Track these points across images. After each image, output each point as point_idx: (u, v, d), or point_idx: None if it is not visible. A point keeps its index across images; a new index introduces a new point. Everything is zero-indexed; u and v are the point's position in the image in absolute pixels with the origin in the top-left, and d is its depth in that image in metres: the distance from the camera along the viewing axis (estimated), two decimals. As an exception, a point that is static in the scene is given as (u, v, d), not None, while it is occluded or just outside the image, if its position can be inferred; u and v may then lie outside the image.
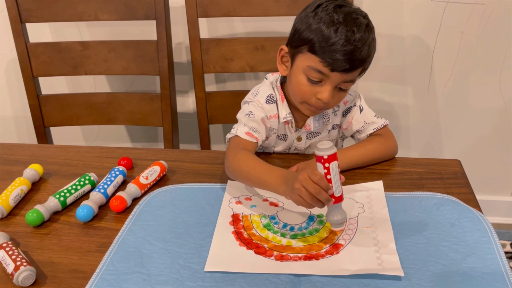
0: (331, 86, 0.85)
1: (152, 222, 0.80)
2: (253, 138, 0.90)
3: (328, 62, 0.82)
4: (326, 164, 0.70)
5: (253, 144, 0.91)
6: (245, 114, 0.94)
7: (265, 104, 0.95)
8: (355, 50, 0.81)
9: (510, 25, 1.41)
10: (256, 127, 0.92)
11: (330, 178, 0.70)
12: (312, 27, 0.83)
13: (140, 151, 1.04)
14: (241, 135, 0.90)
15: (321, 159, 0.70)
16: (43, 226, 0.82)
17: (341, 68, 0.82)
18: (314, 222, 0.80)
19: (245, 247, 0.75)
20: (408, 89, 1.56)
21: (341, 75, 0.83)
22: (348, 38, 0.80)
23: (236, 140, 0.91)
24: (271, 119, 0.96)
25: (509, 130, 1.58)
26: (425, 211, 0.80)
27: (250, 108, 0.95)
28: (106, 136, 1.76)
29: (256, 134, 0.91)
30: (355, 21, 0.82)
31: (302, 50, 0.85)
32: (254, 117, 0.93)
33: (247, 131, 0.91)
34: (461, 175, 0.90)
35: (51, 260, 0.74)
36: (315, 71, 0.84)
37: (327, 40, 0.81)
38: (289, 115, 0.95)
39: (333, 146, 0.70)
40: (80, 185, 0.88)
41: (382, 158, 0.95)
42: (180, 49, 1.55)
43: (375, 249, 0.72)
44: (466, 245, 0.72)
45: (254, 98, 0.96)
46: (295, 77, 0.88)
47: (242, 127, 0.92)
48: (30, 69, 1.35)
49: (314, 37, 0.82)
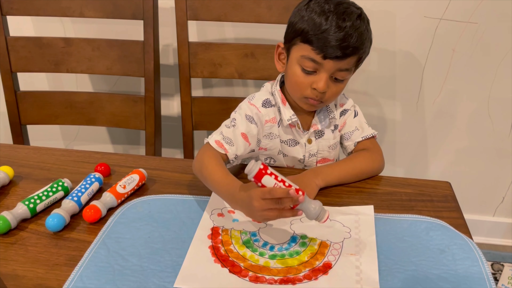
0: (326, 74, 0.85)
1: (127, 236, 0.76)
2: (222, 149, 0.88)
3: (320, 49, 0.82)
4: (267, 170, 0.70)
5: (221, 154, 0.88)
6: (229, 122, 0.92)
7: (261, 108, 0.93)
8: (346, 36, 0.81)
9: (501, 45, 1.41)
10: (231, 139, 0.89)
11: (282, 178, 0.70)
12: (304, 18, 0.84)
13: (119, 157, 0.99)
14: (211, 142, 0.88)
15: (262, 172, 0.70)
16: (9, 235, 0.76)
17: (333, 54, 0.82)
18: (296, 243, 0.76)
19: (220, 264, 0.71)
20: (396, 104, 1.55)
21: (334, 62, 0.83)
22: (339, 25, 0.81)
23: (207, 146, 0.89)
24: (267, 124, 0.93)
25: (495, 151, 1.57)
26: (414, 235, 0.77)
27: (235, 116, 0.92)
28: (86, 137, 1.71)
29: (228, 145, 0.88)
30: (346, 10, 0.83)
31: (296, 42, 0.86)
32: (234, 126, 0.90)
33: (217, 140, 0.88)
34: (451, 198, 0.87)
35: (15, 272, 0.69)
36: (308, 60, 0.84)
37: (319, 27, 0.82)
38: (293, 116, 0.93)
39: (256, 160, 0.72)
40: (52, 191, 0.83)
41: (369, 171, 0.93)
42: (167, 51, 1.51)
43: (356, 280, 0.68)
44: (456, 274, 0.69)
45: (248, 103, 0.94)
46: (291, 69, 0.88)
47: (217, 134, 0.90)
48: (8, 63, 1.30)
49: (306, 26, 0.83)
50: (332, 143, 0.99)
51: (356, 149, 0.98)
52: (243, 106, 0.94)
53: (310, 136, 0.97)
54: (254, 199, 0.71)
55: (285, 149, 0.97)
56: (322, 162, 1.00)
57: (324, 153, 0.99)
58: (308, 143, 0.97)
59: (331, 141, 0.98)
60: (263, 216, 0.72)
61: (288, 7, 1.23)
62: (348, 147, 0.99)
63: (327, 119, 0.96)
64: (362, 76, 1.49)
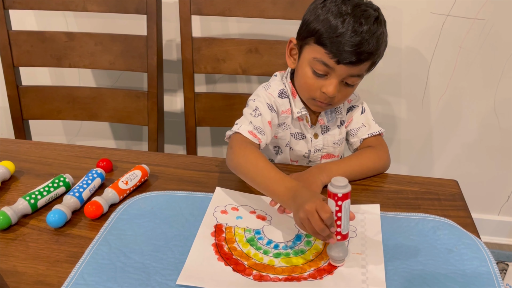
0: (337, 80, 0.83)
1: (129, 232, 0.74)
2: (256, 139, 0.84)
3: (334, 53, 0.80)
4: (339, 202, 0.65)
5: (255, 146, 0.84)
6: (252, 110, 0.88)
7: (278, 98, 0.91)
8: (362, 41, 0.79)
9: (509, 42, 1.39)
10: (262, 128, 0.86)
11: (341, 216, 0.66)
12: (319, 18, 0.81)
13: (122, 153, 0.98)
14: (243, 132, 0.84)
15: (335, 197, 0.65)
16: (10, 230, 0.75)
17: (347, 60, 0.80)
18: (301, 242, 0.75)
19: (224, 262, 0.70)
20: (402, 101, 1.53)
21: (347, 68, 0.81)
22: (356, 29, 0.79)
23: (239, 137, 0.84)
24: (283, 114, 0.92)
25: (501, 149, 1.56)
26: (421, 234, 0.75)
27: (257, 104, 0.89)
28: (88, 133, 1.70)
29: (260, 135, 0.85)
30: (364, 13, 0.80)
31: (309, 41, 0.84)
32: (260, 115, 0.87)
33: (250, 130, 0.84)
34: (459, 197, 0.86)
35: (15, 269, 0.68)
36: (320, 63, 0.82)
37: (334, 30, 0.79)
38: (303, 109, 0.91)
39: (348, 184, 0.66)
40: (54, 187, 0.81)
41: (375, 169, 0.92)
42: (170, 46, 1.50)
43: (362, 279, 0.67)
44: (464, 274, 0.67)
45: (266, 91, 0.91)
46: (301, 69, 0.86)
47: (247, 124, 0.85)
48: (11, 57, 1.30)
49: (321, 27, 0.81)
50: (338, 138, 0.97)
51: (362, 146, 0.96)
52: (261, 94, 0.91)
53: (316, 131, 0.95)
54: (310, 203, 0.66)
55: (292, 141, 0.96)
56: (327, 158, 0.98)
57: (329, 148, 0.97)
58: (315, 138, 0.96)
59: (337, 136, 0.97)
60: (302, 221, 0.67)
61: (293, 2, 1.21)
62: (354, 143, 0.98)
63: (334, 115, 0.95)
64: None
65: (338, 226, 0.67)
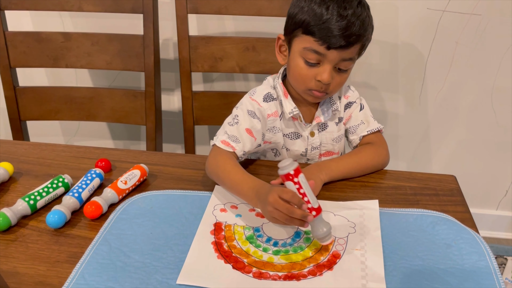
0: (330, 65, 0.84)
1: (129, 232, 0.75)
2: (229, 147, 0.87)
3: (323, 40, 0.81)
4: (295, 179, 0.69)
5: (229, 153, 0.87)
6: (232, 119, 0.91)
7: (263, 102, 0.92)
8: (349, 24, 0.80)
9: (505, 37, 1.39)
10: (237, 136, 0.88)
11: (304, 192, 0.69)
12: (304, 9, 0.83)
13: (120, 153, 0.98)
14: (217, 143, 0.88)
15: (289, 176, 0.68)
16: (10, 232, 0.75)
17: (337, 44, 0.81)
18: (300, 239, 0.75)
19: (223, 260, 0.70)
20: (399, 97, 1.53)
21: (338, 52, 0.82)
22: (340, 13, 0.80)
23: (215, 148, 0.89)
24: (269, 118, 0.93)
25: (499, 144, 1.56)
26: (420, 229, 0.76)
27: (237, 112, 0.92)
28: (86, 133, 1.70)
29: (234, 143, 0.87)
30: None
31: (297, 33, 0.85)
32: (237, 123, 0.90)
33: (223, 140, 0.88)
34: (457, 192, 0.86)
35: (15, 270, 0.68)
36: (311, 52, 0.83)
37: (320, 18, 0.80)
38: (295, 109, 0.92)
39: (294, 161, 0.69)
40: (53, 187, 0.81)
41: (374, 166, 0.92)
42: (167, 45, 1.50)
43: (362, 275, 0.67)
44: (463, 269, 0.68)
45: (249, 98, 0.93)
46: (293, 62, 0.87)
47: (222, 135, 0.89)
48: (7, 58, 1.29)
49: (307, 17, 0.82)
50: (336, 135, 0.97)
51: (362, 143, 0.97)
52: (244, 102, 0.93)
53: (312, 129, 0.96)
54: (271, 194, 0.70)
55: (287, 142, 0.96)
56: (327, 155, 0.99)
57: (328, 146, 0.97)
58: (311, 136, 0.96)
59: (335, 133, 0.97)
60: (272, 214, 0.71)
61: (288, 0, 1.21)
62: (354, 141, 0.98)
63: (330, 111, 0.95)
64: (364, 69, 1.47)
65: (307, 202, 0.69)
